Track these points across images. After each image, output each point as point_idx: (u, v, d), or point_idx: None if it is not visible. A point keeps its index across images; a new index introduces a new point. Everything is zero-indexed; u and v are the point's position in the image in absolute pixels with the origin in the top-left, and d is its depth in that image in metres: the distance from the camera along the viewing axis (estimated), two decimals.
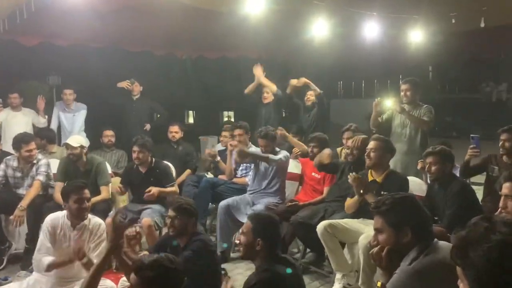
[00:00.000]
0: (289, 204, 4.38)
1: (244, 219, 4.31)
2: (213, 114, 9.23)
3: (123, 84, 6.28)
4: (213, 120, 8.04)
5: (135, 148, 4.44)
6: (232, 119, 9.24)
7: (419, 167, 3.89)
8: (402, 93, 4.63)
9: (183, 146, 5.63)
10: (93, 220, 3.23)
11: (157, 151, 5.13)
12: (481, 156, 3.99)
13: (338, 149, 4.92)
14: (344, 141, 4.77)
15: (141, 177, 4.47)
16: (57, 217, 3.21)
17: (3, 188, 4.46)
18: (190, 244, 2.84)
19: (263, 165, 4.64)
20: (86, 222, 3.19)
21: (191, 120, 9.54)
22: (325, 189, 4.49)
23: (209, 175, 5.29)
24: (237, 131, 5.02)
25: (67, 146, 4.47)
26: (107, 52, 6.69)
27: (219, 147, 5.73)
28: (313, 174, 4.62)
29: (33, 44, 5.92)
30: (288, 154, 4.64)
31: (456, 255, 1.22)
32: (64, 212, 3.23)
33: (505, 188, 2.65)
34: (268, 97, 5.98)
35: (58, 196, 4.21)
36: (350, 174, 3.59)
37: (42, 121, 5.95)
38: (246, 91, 6.06)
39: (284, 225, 4.12)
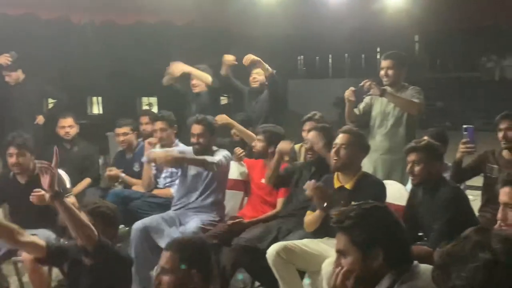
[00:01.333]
0: (231, 222, 4.41)
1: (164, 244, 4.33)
2: (128, 101, 9.07)
3: (2, 59, 6.13)
4: (129, 110, 7.90)
5: (12, 150, 4.34)
6: (155, 108, 9.12)
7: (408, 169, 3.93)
8: (382, 72, 4.76)
9: (80, 147, 5.64)
10: None
11: (46, 154, 4.92)
12: (477, 153, 4.12)
13: (297, 146, 5.01)
14: (304, 134, 4.79)
15: (20, 190, 4.34)
16: None
17: None
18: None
19: (193, 170, 4.64)
20: None
21: (96, 110, 9.32)
22: (279, 201, 4.54)
23: (118, 187, 5.28)
24: (158, 124, 5.03)
25: None
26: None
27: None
28: (262, 181, 4.65)
29: None
30: (229, 154, 4.66)
31: (437, 277, 1.24)
32: None
33: (504, 194, 2.70)
34: (199, 85, 6.01)
35: None
36: (308, 182, 3.63)
37: None
38: (164, 82, 6.08)
39: (225, 251, 4.15)
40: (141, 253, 4.37)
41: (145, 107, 8.89)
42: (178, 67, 5.85)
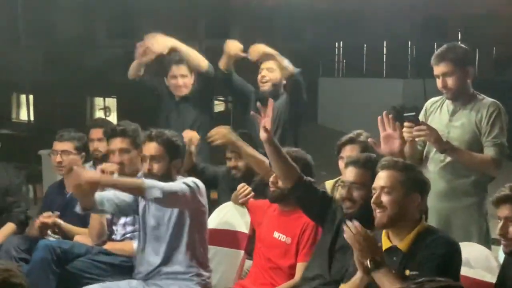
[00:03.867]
0: None
1: None
2: (73, 103, 9.10)
3: None
4: (75, 116, 7.88)
5: None
6: (113, 116, 9.10)
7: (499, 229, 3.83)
8: (438, 83, 4.75)
9: None
10: None
11: None
12: None
13: (330, 183, 5.01)
14: (341, 164, 4.74)
15: None
16: None
17: None
18: None
19: (152, 219, 4.69)
20: None
21: (25, 115, 9.37)
22: (299, 267, 4.49)
23: (53, 237, 5.26)
24: (116, 143, 5.07)
25: None
26: None
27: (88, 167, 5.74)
28: (275, 235, 4.65)
29: None
30: (198, 181, 4.64)
31: None
32: None
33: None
34: (186, 82, 6.07)
35: None
36: (349, 223, 3.56)
37: None
38: (130, 73, 6.15)
39: None
40: None
41: (98, 114, 8.87)
42: (160, 42, 5.85)
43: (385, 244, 3.70)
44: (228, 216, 5.03)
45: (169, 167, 4.63)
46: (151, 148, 4.57)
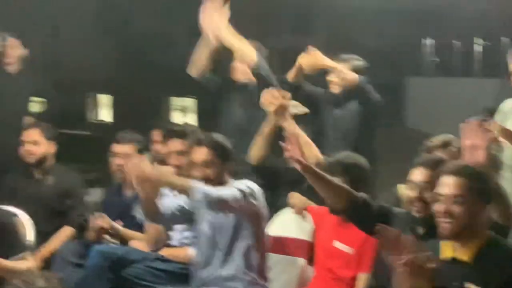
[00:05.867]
0: None
1: None
2: (151, 103, 9.08)
3: None
4: (152, 116, 7.85)
5: None
6: (191, 116, 9.05)
7: None
8: None
9: (57, 177, 5.77)
10: None
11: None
12: None
13: (402, 188, 4.86)
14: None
15: None
16: None
17: None
18: None
19: (205, 224, 4.66)
20: None
21: (105, 116, 9.43)
22: (361, 279, 4.44)
23: (110, 242, 5.30)
24: (174, 144, 5.00)
25: None
26: None
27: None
28: (336, 244, 4.54)
29: None
30: (254, 187, 4.57)
31: None
32: None
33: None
34: (243, 72, 5.92)
35: None
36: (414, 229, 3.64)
37: None
38: (192, 70, 6.03)
39: None
40: None
41: (176, 115, 8.83)
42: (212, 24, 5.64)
43: (447, 253, 3.52)
44: (289, 223, 4.95)
45: (221, 170, 4.58)
46: (202, 153, 4.54)
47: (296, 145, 3.76)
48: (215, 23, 5.59)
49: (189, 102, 9.51)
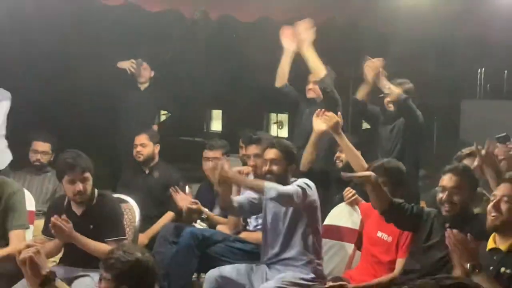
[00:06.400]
0: (330, 285, 4.28)
1: None
2: (253, 117, 9.13)
3: (126, 64, 6.98)
4: (253, 127, 7.94)
5: (75, 176, 4.45)
6: (284, 130, 9.09)
7: None
8: None
9: (161, 172, 5.86)
10: None
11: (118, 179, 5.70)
12: None
13: None
14: None
15: (74, 222, 4.48)
16: None
17: None
18: None
19: (270, 212, 4.67)
20: None
21: (217, 126, 9.57)
22: (398, 263, 4.34)
23: (201, 225, 5.36)
24: (251, 149, 5.05)
25: None
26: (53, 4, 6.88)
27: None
28: (379, 234, 4.51)
29: None
30: (311, 183, 4.54)
31: None
32: None
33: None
34: (314, 89, 5.92)
35: None
36: (450, 231, 3.38)
37: None
38: (278, 82, 6.00)
39: None
40: None
41: (273, 128, 8.89)
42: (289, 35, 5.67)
43: (490, 245, 3.55)
44: (342, 214, 4.94)
45: (286, 169, 4.57)
46: (272, 153, 4.57)
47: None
48: (301, 37, 5.57)
49: (283, 117, 9.56)
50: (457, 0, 6.52)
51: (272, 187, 4.34)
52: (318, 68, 5.63)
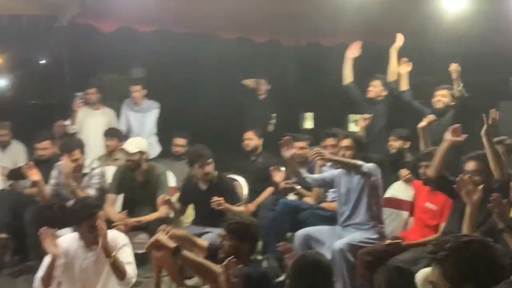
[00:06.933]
0: (389, 242, 4.41)
1: (328, 255, 4.42)
2: (335, 118, 9.27)
3: (249, 82, 7.44)
4: (336, 126, 8.15)
5: (210, 161, 4.97)
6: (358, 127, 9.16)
7: None
8: None
9: (263, 158, 6.02)
10: (110, 234, 3.79)
11: (232, 164, 5.79)
12: None
13: None
14: None
15: (200, 195, 4.96)
16: (70, 238, 3.86)
17: (56, 198, 5.24)
18: None
19: (343, 187, 4.78)
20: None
21: (309, 125, 9.76)
22: (441, 226, 4.45)
23: (291, 197, 5.53)
24: (345, 142, 4.86)
25: (124, 151, 5.15)
26: (195, 39, 7.33)
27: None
28: (427, 204, 4.64)
29: (111, 29, 6.58)
30: (376, 166, 4.66)
31: None
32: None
33: None
34: (376, 91, 6.09)
35: (109, 212, 4.92)
36: (495, 194, 3.39)
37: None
38: (345, 80, 6.21)
39: (379, 270, 4.18)
40: None
41: (351, 125, 8.95)
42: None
43: None
44: (400, 189, 5.06)
45: (357, 155, 4.69)
46: (346, 142, 4.74)
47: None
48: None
49: (357, 117, 9.57)
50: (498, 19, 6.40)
51: (364, 165, 4.56)
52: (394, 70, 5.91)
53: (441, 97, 5.68)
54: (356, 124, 9.62)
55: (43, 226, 4.64)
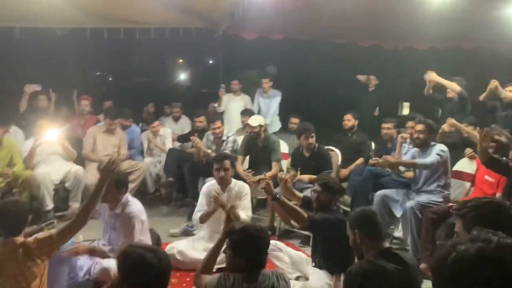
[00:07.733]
0: (450, 204, 4.17)
1: (399, 213, 4.42)
2: (426, 107, 8.75)
3: (362, 77, 7.19)
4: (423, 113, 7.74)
5: (308, 134, 4.99)
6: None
7: None
8: None
9: (357, 135, 5.86)
10: (239, 183, 4.12)
11: (333, 138, 5.76)
12: None
13: None
14: None
15: (304, 160, 5.00)
16: (212, 184, 4.23)
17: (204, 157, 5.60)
18: None
19: (420, 158, 4.49)
20: (232, 185, 4.10)
21: (406, 112, 9.33)
22: (497, 195, 4.10)
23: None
24: (419, 127, 4.56)
25: (248, 125, 5.40)
26: (314, 44, 7.39)
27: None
28: (486, 177, 4.32)
29: (252, 38, 6.93)
30: (445, 148, 4.38)
31: None
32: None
33: None
34: (451, 92, 5.67)
35: (239, 168, 5.19)
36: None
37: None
38: (425, 92, 5.78)
39: (441, 226, 4.08)
40: (379, 215, 4.49)
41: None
42: (433, 76, 5.53)
43: None
44: (465, 164, 4.75)
45: (428, 137, 4.45)
46: (419, 126, 4.49)
47: None
48: (434, 75, 5.51)
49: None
50: None
51: (421, 164, 4.33)
52: (452, 86, 5.48)
53: (510, 93, 5.16)
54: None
55: (197, 175, 5.07)
